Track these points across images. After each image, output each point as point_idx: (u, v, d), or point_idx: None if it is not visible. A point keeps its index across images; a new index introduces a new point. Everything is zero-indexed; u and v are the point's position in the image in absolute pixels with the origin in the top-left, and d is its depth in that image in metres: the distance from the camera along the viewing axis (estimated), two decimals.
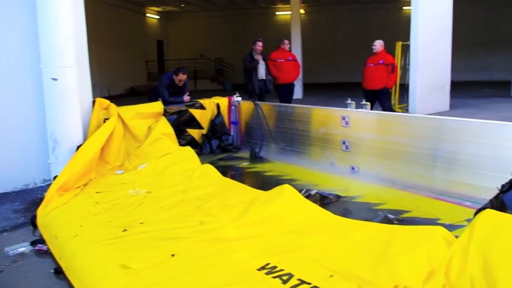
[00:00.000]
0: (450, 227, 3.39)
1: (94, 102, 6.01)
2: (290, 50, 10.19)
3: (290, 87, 9.48)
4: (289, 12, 17.95)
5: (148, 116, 6.42)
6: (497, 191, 3.05)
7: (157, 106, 6.68)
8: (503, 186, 3.01)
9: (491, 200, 2.93)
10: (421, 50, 10.13)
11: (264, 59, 8.84)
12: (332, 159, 5.99)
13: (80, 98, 5.60)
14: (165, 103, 6.88)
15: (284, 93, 9.32)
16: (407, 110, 10.71)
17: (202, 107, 7.37)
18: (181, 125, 7.00)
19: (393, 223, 3.82)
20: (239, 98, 7.62)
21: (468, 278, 1.98)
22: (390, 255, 2.73)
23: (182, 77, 7.22)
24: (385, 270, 2.61)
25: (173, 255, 3.14)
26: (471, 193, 4.32)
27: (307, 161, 6.28)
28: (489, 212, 2.29)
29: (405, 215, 4.13)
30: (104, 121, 5.89)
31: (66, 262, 3.34)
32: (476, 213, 2.82)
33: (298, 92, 15.59)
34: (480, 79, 20.38)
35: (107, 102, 6.16)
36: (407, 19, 10.57)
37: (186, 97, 7.28)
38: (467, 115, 9.69)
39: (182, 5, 23.72)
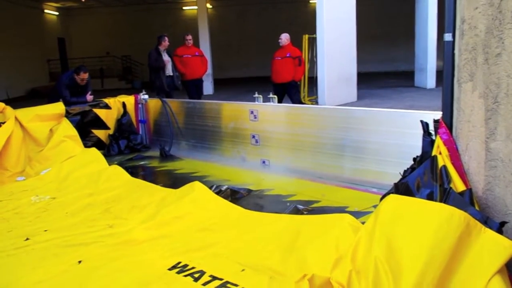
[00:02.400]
0: (358, 214, 3.52)
1: None
2: (198, 46, 10.08)
3: (198, 83, 9.41)
4: (196, 7, 17.75)
5: (48, 118, 6.09)
6: (400, 177, 3.15)
7: (58, 107, 6.34)
8: (405, 171, 3.14)
9: (395, 184, 2.98)
10: (327, 43, 10.41)
11: (170, 55, 8.67)
12: (243, 154, 6.02)
13: None
14: (66, 103, 6.53)
15: (192, 89, 9.23)
16: (316, 102, 11.01)
17: (107, 106, 7.07)
18: (86, 126, 6.69)
19: (303, 214, 3.91)
20: (146, 96, 7.40)
21: (372, 261, 2.03)
22: (300, 245, 2.79)
23: (84, 75, 6.84)
24: (295, 260, 2.67)
25: (80, 261, 3.04)
26: (377, 179, 4.47)
27: (218, 157, 6.26)
28: (392, 197, 2.37)
29: (315, 205, 4.22)
30: (0, 126, 5.54)
31: None
32: (381, 199, 2.89)
33: (208, 88, 15.53)
34: (386, 70, 21.50)
35: (2, 105, 5.84)
36: (315, 13, 10.73)
37: (89, 97, 6.95)
38: (374, 105, 10.14)
39: (83, 1, 22.64)
